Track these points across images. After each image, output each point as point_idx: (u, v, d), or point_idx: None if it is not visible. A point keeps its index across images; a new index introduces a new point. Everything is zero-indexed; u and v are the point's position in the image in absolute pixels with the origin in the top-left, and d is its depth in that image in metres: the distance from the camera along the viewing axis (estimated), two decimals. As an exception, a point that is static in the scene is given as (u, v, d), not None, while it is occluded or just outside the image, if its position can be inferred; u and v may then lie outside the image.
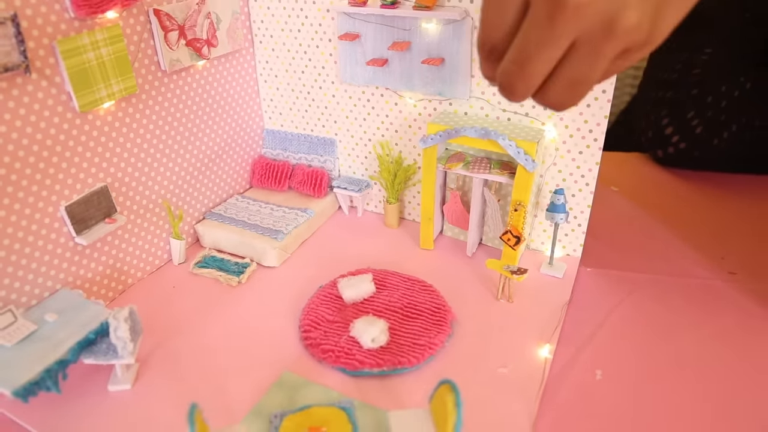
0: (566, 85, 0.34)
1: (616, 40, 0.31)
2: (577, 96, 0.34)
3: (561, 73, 0.32)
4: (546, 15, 0.31)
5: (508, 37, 0.34)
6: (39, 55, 0.47)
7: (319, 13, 0.64)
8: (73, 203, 0.53)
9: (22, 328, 0.48)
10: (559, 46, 0.32)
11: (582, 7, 0.30)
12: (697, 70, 0.81)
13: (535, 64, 0.33)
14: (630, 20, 0.30)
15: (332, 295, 0.56)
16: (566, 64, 0.33)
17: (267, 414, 0.45)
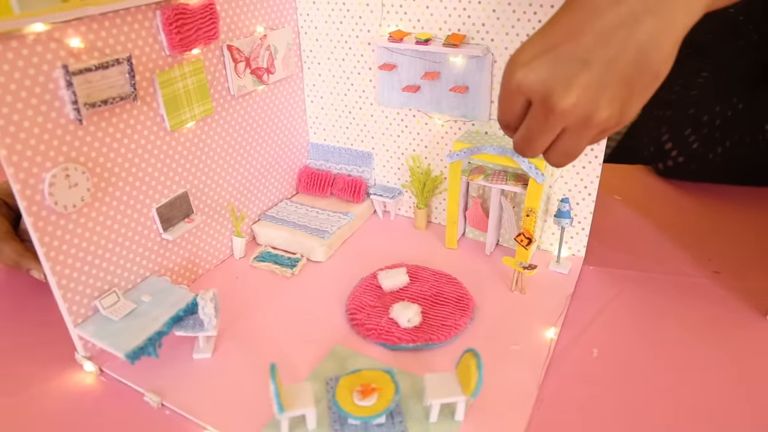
0: (560, 154, 0.49)
1: (592, 129, 0.46)
2: (569, 160, 0.49)
3: (556, 147, 0.47)
4: (542, 114, 0.46)
5: (517, 121, 0.49)
6: (142, 85, 0.58)
7: (361, 46, 0.75)
8: (161, 205, 0.64)
9: (125, 306, 0.59)
10: (552, 133, 0.47)
11: (566, 111, 0.45)
12: (694, 92, 0.90)
13: (536, 143, 0.48)
14: (602, 116, 0.44)
15: (373, 285, 0.67)
16: (559, 143, 0.48)
17: (323, 377, 0.55)
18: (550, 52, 0.44)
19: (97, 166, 0.56)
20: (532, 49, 0.45)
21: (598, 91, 0.43)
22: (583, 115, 0.44)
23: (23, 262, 0.63)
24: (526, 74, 0.45)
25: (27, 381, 0.57)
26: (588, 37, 0.43)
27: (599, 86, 0.43)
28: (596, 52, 0.43)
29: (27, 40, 0.48)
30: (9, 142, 0.48)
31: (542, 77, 0.44)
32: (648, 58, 0.43)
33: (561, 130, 0.47)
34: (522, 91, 0.46)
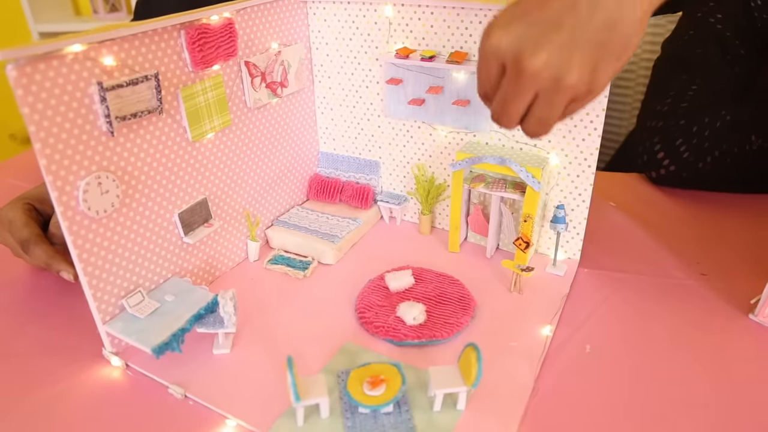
0: (535, 122, 0.51)
1: (563, 93, 0.49)
2: (543, 130, 0.52)
3: (530, 114, 0.50)
4: (514, 77, 0.49)
5: (494, 89, 0.52)
6: (167, 99, 0.63)
7: (369, 61, 0.80)
8: (183, 211, 0.68)
9: (149, 305, 0.63)
10: (526, 97, 0.50)
11: (536, 71, 0.48)
12: (684, 104, 0.94)
13: (511, 108, 0.51)
14: (572, 79, 0.47)
15: (380, 286, 0.71)
16: (533, 109, 0.50)
17: (335, 371, 0.60)
18: (522, 18, 0.48)
19: (125, 175, 0.60)
20: (506, 16, 0.49)
21: (568, 53, 0.47)
22: (553, 76, 0.47)
23: (54, 264, 0.67)
24: (500, 37, 0.48)
25: (58, 375, 0.61)
26: (557, 2, 0.47)
27: (568, 48, 0.46)
28: (566, 16, 0.46)
29: (66, 60, 0.52)
30: (48, 153, 0.53)
31: (514, 40, 0.48)
32: (616, 26, 0.46)
33: (534, 96, 0.49)
34: (497, 55, 0.49)
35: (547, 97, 0.49)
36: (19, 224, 0.70)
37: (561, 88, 0.48)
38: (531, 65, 0.47)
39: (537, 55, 0.47)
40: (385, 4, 0.75)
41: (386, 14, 0.75)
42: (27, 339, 0.66)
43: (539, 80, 0.48)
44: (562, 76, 0.47)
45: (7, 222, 0.71)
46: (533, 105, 0.50)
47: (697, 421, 0.54)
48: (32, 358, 0.63)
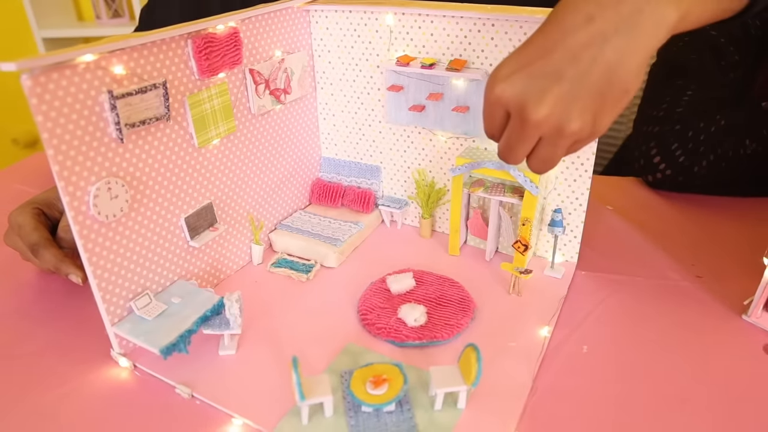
0: (539, 162, 0.55)
1: (566, 138, 0.52)
2: (547, 167, 0.55)
3: (535, 155, 0.53)
4: (519, 125, 0.53)
5: (499, 131, 0.55)
6: (175, 107, 0.64)
7: (371, 69, 0.81)
8: (189, 215, 0.70)
9: (157, 307, 0.65)
10: (530, 142, 0.53)
11: (540, 122, 0.51)
12: (680, 109, 0.95)
13: (516, 151, 0.54)
14: (574, 127, 0.50)
15: (382, 289, 0.73)
16: (537, 151, 0.54)
17: (338, 371, 0.61)
18: (525, 69, 0.50)
19: (134, 180, 0.62)
20: (509, 66, 0.51)
21: (570, 104, 0.49)
22: (556, 125, 0.50)
23: (63, 267, 0.69)
24: (503, 89, 0.51)
25: (67, 376, 0.62)
26: (559, 54, 0.49)
27: (570, 99, 0.49)
28: (567, 68, 0.48)
29: (78, 69, 0.54)
30: (61, 159, 0.54)
31: (518, 91, 0.50)
32: (616, 75, 0.48)
33: (538, 140, 0.52)
34: (501, 104, 0.52)
35: (550, 141, 0.52)
36: (29, 228, 0.71)
37: (564, 135, 0.51)
38: (534, 116, 0.49)
39: (540, 107, 0.49)
40: (386, 13, 0.76)
41: (387, 22, 0.77)
42: (36, 341, 0.68)
43: (542, 129, 0.51)
44: (565, 125, 0.50)
45: (16, 226, 0.73)
46: (537, 147, 0.53)
47: (690, 418, 0.56)
48: (41, 360, 0.65)
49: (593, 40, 0.48)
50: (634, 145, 1.03)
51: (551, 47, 0.49)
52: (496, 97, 0.52)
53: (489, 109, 0.54)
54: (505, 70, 0.51)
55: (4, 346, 0.67)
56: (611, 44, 0.48)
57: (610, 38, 0.48)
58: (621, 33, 0.48)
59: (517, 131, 0.52)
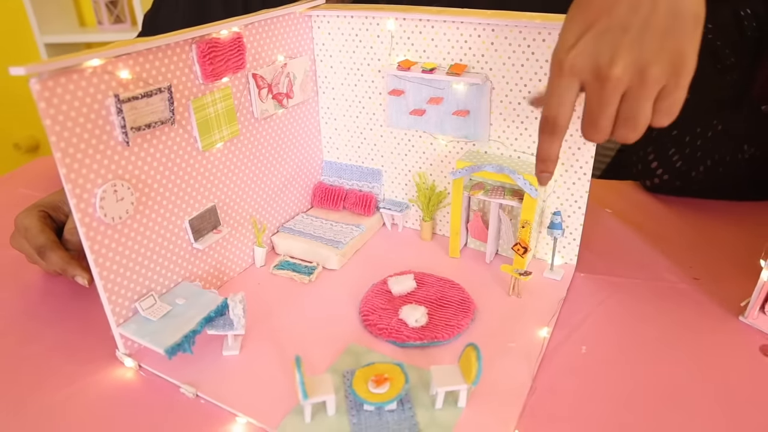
0: (627, 123, 0.53)
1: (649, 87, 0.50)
2: (637, 130, 0.53)
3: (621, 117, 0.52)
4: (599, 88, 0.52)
5: (569, 111, 0.54)
6: (179, 111, 0.66)
7: (372, 73, 0.82)
8: (193, 218, 0.71)
9: (161, 308, 0.66)
10: (613, 106, 0.52)
11: (620, 75, 0.50)
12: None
13: (601, 120, 0.53)
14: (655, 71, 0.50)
15: (383, 290, 0.73)
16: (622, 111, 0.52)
17: (340, 371, 0.62)
18: (589, 31, 0.51)
19: (139, 183, 0.63)
20: (572, 34, 0.52)
21: (643, 49, 0.49)
22: (636, 74, 0.50)
23: (69, 269, 0.69)
24: (575, 56, 0.51)
25: (73, 376, 0.63)
26: (621, 7, 0.49)
27: (643, 44, 0.49)
28: (631, 17, 0.49)
29: (85, 73, 0.55)
30: (68, 162, 0.55)
31: (590, 54, 0.50)
32: (680, 8, 0.49)
33: (622, 99, 0.52)
34: (576, 73, 0.52)
35: (634, 96, 0.51)
36: (35, 231, 0.72)
37: (646, 83, 0.50)
38: (614, 71, 0.50)
39: (616, 62, 0.49)
40: (388, 18, 0.77)
41: (388, 28, 0.78)
42: (43, 341, 0.69)
43: (623, 83, 0.51)
44: (645, 70, 0.50)
45: (23, 229, 0.73)
46: (622, 107, 0.52)
47: (688, 417, 0.56)
48: (48, 360, 0.66)
49: None
50: (632, 150, 1.04)
51: (611, 3, 0.50)
52: (569, 70, 0.52)
53: (563, 86, 0.53)
54: (570, 40, 0.51)
55: (12, 347, 0.68)
56: None
57: None
58: None
59: (597, 96, 0.52)
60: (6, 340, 0.69)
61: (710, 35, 0.94)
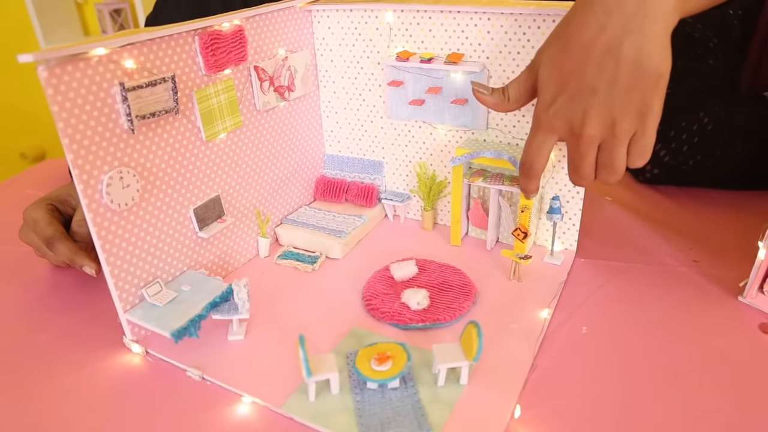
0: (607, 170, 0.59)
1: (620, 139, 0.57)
2: (617, 172, 0.59)
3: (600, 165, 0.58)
4: (575, 144, 0.58)
5: (544, 163, 0.62)
6: (183, 101, 0.67)
7: (372, 65, 0.84)
8: (198, 207, 0.72)
9: (167, 295, 0.67)
10: (590, 157, 0.59)
11: (592, 133, 0.56)
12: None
13: (582, 169, 0.60)
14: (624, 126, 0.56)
15: (386, 276, 0.74)
16: (600, 160, 0.59)
17: (344, 353, 0.63)
18: (564, 92, 0.56)
19: (144, 171, 0.64)
20: (549, 93, 0.58)
21: (611, 107, 0.54)
22: (607, 130, 0.55)
23: (77, 259, 0.71)
24: (552, 117, 0.58)
25: (81, 363, 0.64)
26: (587, 69, 0.54)
27: (610, 103, 0.54)
28: (597, 79, 0.54)
29: (91, 62, 0.56)
30: (75, 148, 0.57)
31: (565, 115, 0.57)
32: (641, 67, 0.53)
33: (598, 149, 0.58)
34: (553, 131, 0.58)
35: (608, 148, 0.57)
36: (44, 223, 0.74)
37: (617, 136, 0.56)
38: (585, 132, 0.56)
39: (587, 123, 0.56)
40: (386, 11, 0.79)
41: (387, 20, 0.80)
42: (51, 331, 0.70)
43: (596, 139, 0.57)
44: (614, 126, 0.56)
45: (31, 222, 0.75)
46: (599, 157, 0.59)
47: (688, 394, 0.57)
48: (56, 348, 0.67)
49: (611, 46, 0.53)
50: None
51: (579, 66, 0.55)
52: (547, 128, 0.59)
53: (540, 138, 0.60)
54: (548, 98, 0.58)
55: (22, 335, 0.69)
56: (626, 43, 0.53)
57: (624, 39, 0.53)
58: (632, 30, 0.53)
59: (575, 150, 0.59)
60: (15, 329, 0.70)
61: (689, 19, 0.94)
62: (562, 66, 0.57)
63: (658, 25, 0.53)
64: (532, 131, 0.61)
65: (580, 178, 0.60)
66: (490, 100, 0.65)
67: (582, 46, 0.54)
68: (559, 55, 0.57)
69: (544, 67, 0.58)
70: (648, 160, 0.58)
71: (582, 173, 0.60)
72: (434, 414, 0.55)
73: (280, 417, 0.56)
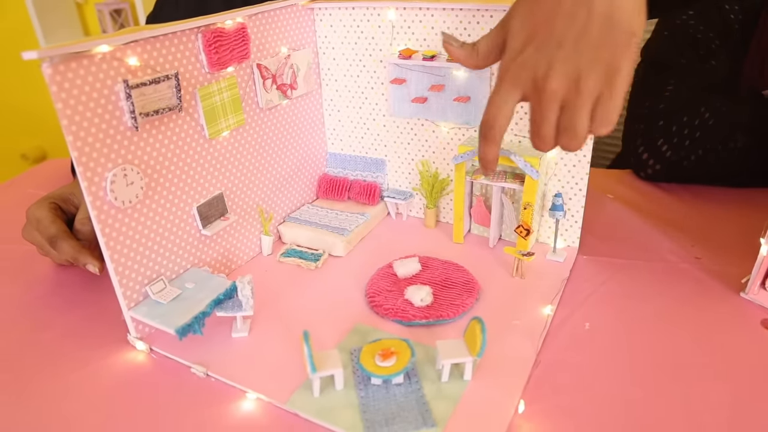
0: (567, 134, 0.55)
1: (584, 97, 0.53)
2: (576, 142, 0.56)
3: (561, 128, 0.54)
4: (538, 99, 0.54)
5: (507, 120, 0.57)
6: (186, 98, 0.67)
7: (374, 63, 0.84)
8: (201, 204, 0.72)
9: (171, 292, 0.67)
10: (552, 116, 0.55)
11: (555, 88, 0.53)
12: (662, 105, 0.96)
13: (543, 130, 0.56)
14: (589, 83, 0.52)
15: (389, 273, 0.75)
16: (560, 122, 0.55)
17: (348, 349, 0.63)
18: (531, 43, 0.54)
19: (148, 168, 0.64)
20: (518, 42, 0.55)
21: (578, 62, 0.51)
22: (570, 85, 0.52)
23: (81, 258, 0.71)
24: (517, 68, 0.54)
25: (86, 360, 0.64)
26: (557, 20, 0.52)
27: (576, 57, 0.51)
28: (566, 31, 0.52)
29: (95, 59, 0.57)
30: (80, 145, 0.57)
31: (530, 67, 0.53)
32: (613, 21, 0.51)
33: (561, 110, 0.54)
34: (516, 84, 0.55)
35: (570, 107, 0.54)
36: (47, 222, 0.74)
37: (581, 94, 0.53)
38: (548, 86, 0.53)
39: (551, 76, 0.52)
40: (388, 8, 0.79)
41: (389, 18, 0.80)
42: (55, 329, 0.70)
43: (559, 95, 0.53)
44: (579, 81, 0.52)
45: (34, 220, 0.75)
46: (560, 119, 0.55)
47: (690, 389, 0.57)
48: (60, 346, 0.67)
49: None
50: (625, 143, 1.05)
51: (550, 15, 0.52)
52: (511, 79, 0.55)
53: (503, 92, 0.56)
54: (516, 47, 0.55)
55: (26, 333, 0.69)
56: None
57: None
58: None
59: (537, 107, 0.55)
60: (19, 327, 0.70)
61: (692, 21, 0.95)
62: (533, 16, 0.54)
63: None
64: (497, 84, 0.57)
65: (540, 140, 0.57)
66: (460, 53, 0.61)
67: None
68: (531, 4, 0.54)
69: (515, 18, 0.56)
70: (611, 128, 0.54)
71: (542, 133, 0.56)
72: (438, 409, 0.55)
73: (285, 413, 0.57)
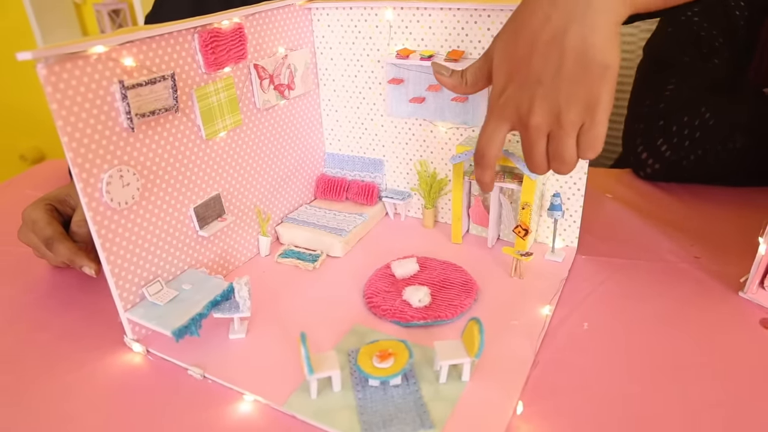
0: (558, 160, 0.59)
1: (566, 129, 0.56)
2: (567, 166, 0.59)
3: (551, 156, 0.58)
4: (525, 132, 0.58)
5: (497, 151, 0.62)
6: (183, 99, 0.67)
7: (372, 63, 0.84)
8: (198, 205, 0.72)
9: (168, 293, 0.66)
10: (540, 145, 0.58)
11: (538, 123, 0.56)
12: (662, 104, 0.96)
13: (535, 157, 0.60)
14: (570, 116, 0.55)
15: (387, 274, 0.74)
16: (549, 150, 0.58)
17: (345, 351, 0.63)
18: (513, 81, 0.57)
19: (144, 169, 0.64)
20: (501, 80, 0.58)
21: (556, 98, 0.54)
22: (553, 120, 0.55)
23: (77, 260, 0.71)
24: (502, 105, 0.58)
25: (82, 362, 0.64)
26: (534, 58, 0.55)
27: (555, 93, 0.54)
28: (543, 69, 0.54)
29: (90, 60, 0.56)
30: (75, 146, 0.56)
31: (514, 104, 0.57)
32: (586, 56, 0.53)
33: (548, 139, 0.57)
34: (503, 119, 0.59)
35: (555, 138, 0.57)
36: (43, 223, 0.74)
37: (563, 127, 0.56)
38: (531, 122, 0.56)
39: (533, 112, 0.56)
40: (386, 8, 0.79)
41: (387, 18, 0.79)
42: (51, 330, 0.70)
43: (543, 129, 0.57)
44: (559, 117, 0.55)
45: (30, 222, 0.75)
46: (548, 148, 0.58)
47: (689, 388, 0.57)
48: (56, 348, 0.67)
49: (555, 36, 0.53)
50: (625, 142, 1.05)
51: (526, 55, 0.55)
52: (498, 115, 0.59)
53: (492, 126, 0.60)
54: (500, 84, 0.58)
55: (22, 334, 0.69)
56: (570, 33, 0.53)
57: (568, 28, 0.53)
58: (575, 20, 0.53)
59: (525, 138, 0.58)
60: (15, 329, 0.70)
61: (696, 18, 0.94)
62: (511, 54, 0.57)
63: (602, 16, 0.53)
64: (486, 119, 0.60)
65: (534, 166, 0.60)
66: (450, 82, 0.66)
67: (529, 35, 0.55)
68: (509, 43, 0.57)
69: (496, 55, 0.59)
70: (599, 152, 0.57)
71: (534, 162, 0.60)
72: (436, 411, 0.55)
73: (282, 415, 0.56)
